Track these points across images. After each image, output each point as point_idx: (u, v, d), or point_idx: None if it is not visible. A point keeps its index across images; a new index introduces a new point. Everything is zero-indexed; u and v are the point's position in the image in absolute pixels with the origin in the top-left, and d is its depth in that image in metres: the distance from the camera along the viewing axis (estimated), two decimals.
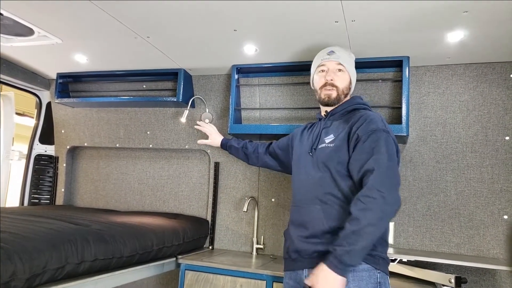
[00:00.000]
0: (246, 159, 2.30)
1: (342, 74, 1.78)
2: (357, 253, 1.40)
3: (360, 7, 1.75)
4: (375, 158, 1.49)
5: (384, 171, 1.46)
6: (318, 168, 1.66)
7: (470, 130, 2.32)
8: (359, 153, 1.54)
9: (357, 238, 1.39)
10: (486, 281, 2.20)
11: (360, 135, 1.56)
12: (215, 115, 2.87)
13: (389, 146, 1.54)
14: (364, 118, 1.62)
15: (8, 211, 2.33)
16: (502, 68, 2.28)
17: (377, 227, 1.42)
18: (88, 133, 3.22)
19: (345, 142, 1.61)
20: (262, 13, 1.87)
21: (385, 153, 1.50)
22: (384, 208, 1.42)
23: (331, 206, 1.58)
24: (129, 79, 3.00)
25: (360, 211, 1.41)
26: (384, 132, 1.56)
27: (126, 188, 3.16)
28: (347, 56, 1.82)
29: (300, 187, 1.73)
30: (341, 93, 1.77)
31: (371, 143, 1.53)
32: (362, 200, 1.43)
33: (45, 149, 3.29)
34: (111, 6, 1.89)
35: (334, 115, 1.77)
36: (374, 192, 1.42)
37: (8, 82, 2.99)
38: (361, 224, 1.39)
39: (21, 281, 1.41)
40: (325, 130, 1.73)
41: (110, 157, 3.26)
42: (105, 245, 1.82)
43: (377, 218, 1.41)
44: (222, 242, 2.79)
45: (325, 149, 1.66)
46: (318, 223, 1.58)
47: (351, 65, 1.83)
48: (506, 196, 2.22)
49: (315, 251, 1.57)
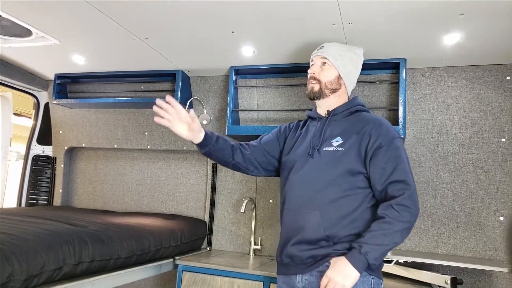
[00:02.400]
0: (217, 158, 1.78)
1: (327, 69, 1.70)
2: (381, 253, 1.43)
3: (357, 9, 1.76)
4: (402, 169, 1.50)
5: (412, 183, 1.49)
6: (322, 171, 1.57)
7: (467, 132, 2.33)
8: (384, 162, 1.51)
9: (385, 239, 1.41)
10: (482, 282, 2.21)
11: (382, 143, 1.53)
12: (213, 116, 2.87)
13: (406, 155, 1.57)
14: (379, 123, 1.59)
15: (5, 212, 2.33)
16: (498, 70, 2.29)
17: (403, 235, 1.45)
18: (86, 134, 3.22)
19: (356, 148, 1.55)
20: (259, 15, 1.88)
21: (407, 163, 1.53)
22: (411, 219, 1.45)
23: (331, 213, 1.52)
24: (127, 80, 3.00)
25: (394, 218, 1.43)
26: (400, 139, 1.58)
27: (124, 189, 3.16)
28: (336, 50, 1.72)
29: (295, 190, 1.63)
30: (324, 87, 1.68)
31: (395, 151, 1.52)
32: (396, 208, 1.44)
33: (43, 150, 3.29)
34: (109, 7, 1.89)
35: (336, 115, 1.69)
36: (409, 201, 1.45)
37: (6, 83, 2.98)
38: (393, 229, 1.42)
39: (19, 282, 1.41)
40: (330, 131, 1.64)
41: (108, 158, 3.26)
42: (102, 246, 1.82)
43: (406, 228, 1.44)
44: (220, 243, 2.79)
45: (334, 152, 1.57)
46: (315, 230, 1.52)
47: (339, 60, 1.70)
48: (502, 197, 2.23)
49: (309, 257, 1.53)
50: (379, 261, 1.47)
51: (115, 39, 2.29)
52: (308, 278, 1.53)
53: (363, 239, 1.43)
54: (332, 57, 1.70)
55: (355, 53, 1.76)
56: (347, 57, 1.73)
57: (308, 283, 1.52)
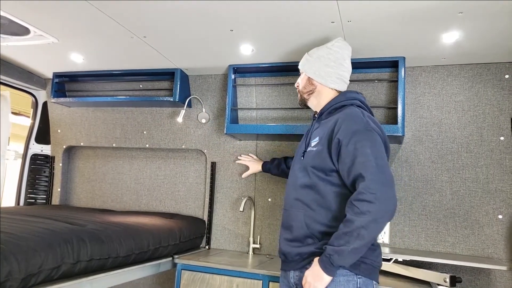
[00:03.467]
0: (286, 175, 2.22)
1: (301, 77, 1.85)
2: (347, 254, 1.40)
3: (356, 8, 1.76)
4: (360, 162, 1.45)
5: (373, 172, 1.43)
6: (304, 172, 1.64)
7: (465, 130, 2.33)
8: (344, 158, 1.50)
9: (348, 239, 1.40)
10: (481, 280, 2.22)
11: (341, 139, 1.52)
12: (212, 115, 2.87)
13: (374, 145, 1.49)
14: (343, 119, 1.58)
15: (4, 211, 2.32)
16: (497, 68, 2.29)
17: (370, 230, 1.40)
18: (84, 132, 3.21)
19: (326, 145, 1.58)
20: (258, 13, 1.87)
21: (371, 154, 1.46)
22: (378, 210, 1.39)
23: (313, 211, 1.58)
24: (126, 79, 3.00)
25: (354, 214, 1.41)
26: (366, 131, 1.52)
27: (123, 188, 3.16)
28: (305, 58, 1.85)
29: (288, 190, 1.74)
30: (302, 93, 1.83)
31: (353, 145, 1.49)
32: (355, 204, 1.42)
33: (41, 149, 3.28)
34: (107, 6, 1.89)
35: (321, 115, 1.75)
36: (366, 194, 1.40)
37: (4, 82, 2.98)
38: (353, 226, 1.40)
39: (17, 281, 1.40)
40: (315, 132, 1.71)
41: (107, 157, 3.25)
42: (101, 245, 1.82)
43: (370, 221, 1.39)
44: (219, 242, 2.79)
45: (309, 152, 1.66)
46: (300, 227, 1.60)
47: (306, 64, 1.82)
48: (501, 196, 2.24)
49: (297, 254, 1.60)
50: (348, 262, 1.43)
51: (114, 38, 2.28)
52: (298, 274, 1.61)
53: (329, 240, 1.46)
54: (300, 65, 1.86)
55: (326, 47, 1.80)
56: (314, 57, 1.81)
57: (298, 279, 1.61)
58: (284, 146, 2.70)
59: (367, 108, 1.73)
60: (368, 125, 1.54)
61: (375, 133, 1.53)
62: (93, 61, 2.75)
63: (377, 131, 1.55)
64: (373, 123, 1.58)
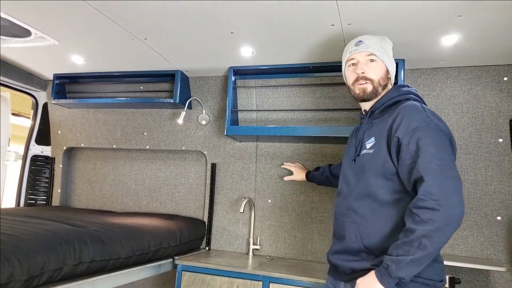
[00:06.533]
0: (331, 183, 2.16)
1: (375, 65, 1.57)
2: (406, 265, 1.26)
3: (356, 10, 1.77)
4: (421, 163, 1.30)
5: (436, 175, 1.27)
6: (358, 178, 1.49)
7: (464, 132, 2.35)
8: (404, 159, 1.35)
9: (408, 249, 1.25)
10: (480, 281, 2.23)
11: (400, 137, 1.36)
12: (212, 116, 2.88)
13: (438, 143, 1.32)
14: (402, 115, 1.40)
15: (4, 212, 2.33)
16: (495, 71, 2.31)
17: (434, 240, 1.24)
18: (84, 134, 3.22)
19: (385, 146, 1.42)
20: (258, 15, 1.88)
21: (434, 154, 1.30)
22: (442, 217, 1.23)
23: (369, 222, 1.43)
24: (126, 81, 3.01)
25: (415, 223, 1.26)
26: (427, 127, 1.35)
27: (123, 189, 3.16)
28: (379, 43, 1.60)
29: (339, 198, 1.59)
30: (377, 85, 1.56)
31: (415, 144, 1.32)
32: (415, 212, 1.27)
33: (42, 150, 3.29)
34: (108, 8, 1.90)
35: (374, 113, 1.57)
36: (427, 201, 1.25)
37: (4, 83, 2.98)
38: (414, 235, 1.25)
39: (19, 282, 1.41)
40: (368, 132, 1.53)
41: (107, 158, 3.26)
42: (102, 246, 1.83)
43: (433, 230, 1.23)
44: (219, 243, 2.80)
45: (365, 156, 1.48)
46: (353, 240, 1.46)
47: (384, 53, 1.60)
48: (500, 197, 2.25)
49: (350, 268, 1.47)
50: (408, 274, 1.28)
51: (114, 40, 2.29)
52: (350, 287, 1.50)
53: (388, 251, 1.32)
54: (378, 51, 1.58)
55: (384, 39, 1.69)
56: (386, 47, 1.62)
57: None
58: (284, 147, 2.71)
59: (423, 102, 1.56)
60: (430, 120, 1.37)
61: (439, 130, 1.37)
62: (93, 63, 2.75)
63: (441, 128, 1.38)
64: (437, 119, 1.41)
